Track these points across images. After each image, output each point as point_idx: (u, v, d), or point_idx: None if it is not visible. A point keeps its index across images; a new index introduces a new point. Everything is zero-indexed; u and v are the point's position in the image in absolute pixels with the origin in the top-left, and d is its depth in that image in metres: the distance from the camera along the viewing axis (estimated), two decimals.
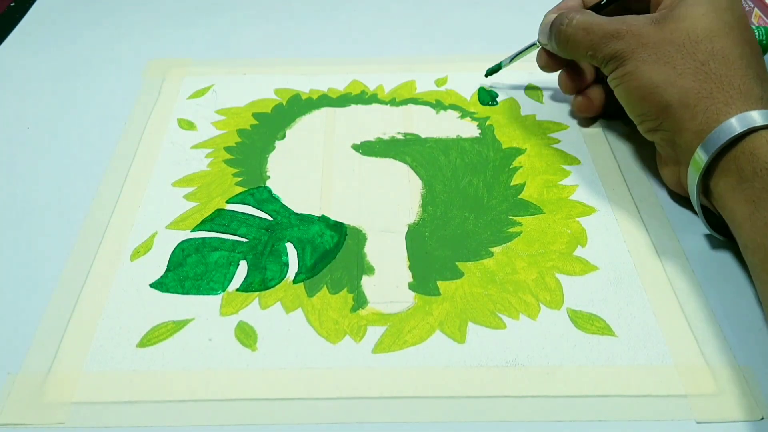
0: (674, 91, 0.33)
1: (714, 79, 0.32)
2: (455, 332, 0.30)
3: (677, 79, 0.33)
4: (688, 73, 0.33)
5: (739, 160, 0.30)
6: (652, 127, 0.35)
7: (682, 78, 0.33)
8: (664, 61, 0.33)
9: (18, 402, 0.28)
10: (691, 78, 0.33)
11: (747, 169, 0.30)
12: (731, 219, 0.31)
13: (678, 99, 0.33)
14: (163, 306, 0.31)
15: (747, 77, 0.32)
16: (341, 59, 0.49)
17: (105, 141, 0.41)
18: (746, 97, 0.31)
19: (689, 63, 0.33)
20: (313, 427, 0.27)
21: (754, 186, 0.29)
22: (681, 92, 0.33)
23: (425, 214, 0.36)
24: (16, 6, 0.57)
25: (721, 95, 0.32)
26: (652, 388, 0.28)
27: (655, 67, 0.34)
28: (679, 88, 0.33)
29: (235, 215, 0.36)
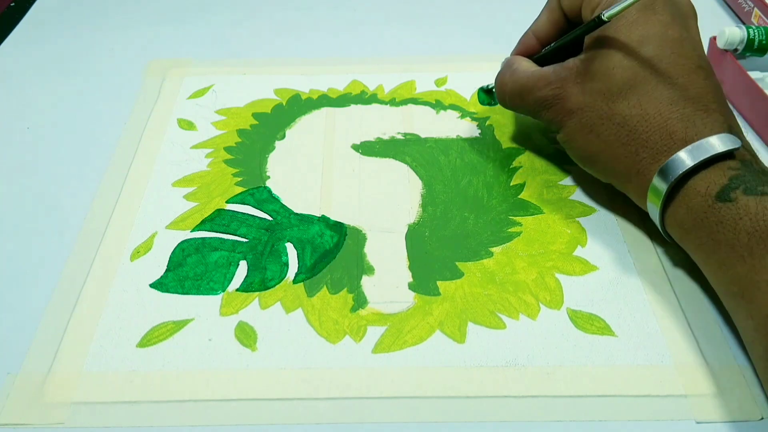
0: (607, 159, 0.33)
1: (636, 139, 0.31)
2: (455, 332, 0.30)
3: (605, 147, 0.33)
4: (611, 139, 0.32)
5: (677, 216, 0.30)
6: (607, 182, 0.35)
7: (609, 146, 0.33)
8: (588, 130, 0.33)
9: (18, 402, 0.28)
10: (615, 143, 0.32)
11: (687, 222, 0.30)
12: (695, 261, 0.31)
13: (612, 166, 0.33)
14: (163, 306, 0.31)
15: (667, 122, 0.31)
16: (341, 59, 0.49)
17: (105, 141, 0.41)
18: (669, 145, 0.30)
19: (610, 128, 0.32)
20: (313, 427, 0.27)
21: (699, 236, 0.29)
22: (613, 160, 0.33)
23: (425, 214, 0.36)
24: (16, 6, 0.57)
25: (646, 155, 0.31)
26: (651, 388, 0.28)
27: (584, 137, 0.34)
28: (610, 157, 0.33)
29: (235, 215, 0.36)
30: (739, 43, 0.44)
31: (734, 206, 0.28)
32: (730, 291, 0.28)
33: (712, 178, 0.29)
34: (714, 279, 0.30)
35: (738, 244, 0.28)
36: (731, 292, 0.28)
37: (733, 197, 0.28)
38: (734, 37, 0.43)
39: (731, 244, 0.28)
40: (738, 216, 0.28)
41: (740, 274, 0.27)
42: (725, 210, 0.28)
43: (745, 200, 0.28)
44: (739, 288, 0.28)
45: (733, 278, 0.28)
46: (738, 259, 0.28)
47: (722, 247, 0.28)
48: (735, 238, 0.28)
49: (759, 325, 0.26)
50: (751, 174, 0.29)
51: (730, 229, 0.28)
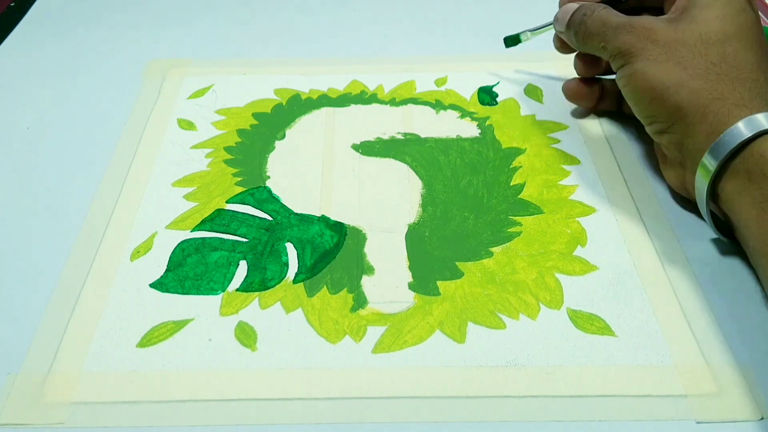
0: (685, 93, 0.33)
1: (725, 80, 0.32)
2: (455, 332, 0.30)
3: (688, 80, 0.33)
4: (699, 74, 0.32)
5: (747, 163, 0.30)
6: (660, 129, 0.35)
7: (694, 79, 0.32)
8: (675, 61, 0.33)
9: (18, 402, 0.28)
10: (702, 79, 0.32)
11: (756, 171, 0.30)
12: (739, 222, 0.31)
13: (688, 101, 0.32)
14: (163, 306, 0.31)
15: (758, 81, 0.32)
16: (341, 59, 0.49)
17: (105, 141, 0.41)
18: (758, 99, 0.31)
19: (701, 64, 0.33)
20: (313, 427, 0.27)
21: (762, 189, 0.29)
22: (692, 94, 0.32)
23: (425, 214, 0.36)
24: (16, 6, 0.57)
25: (732, 97, 0.31)
26: (652, 388, 0.28)
27: (666, 67, 0.33)
28: (690, 90, 0.32)
29: (235, 215, 0.36)
30: None
31: None
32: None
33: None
34: (762, 240, 0.29)
35: None
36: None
37: None
38: None
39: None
40: None
41: None
42: None
43: None
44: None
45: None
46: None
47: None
48: None
49: None
50: None
51: None
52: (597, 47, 0.37)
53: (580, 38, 0.38)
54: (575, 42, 0.39)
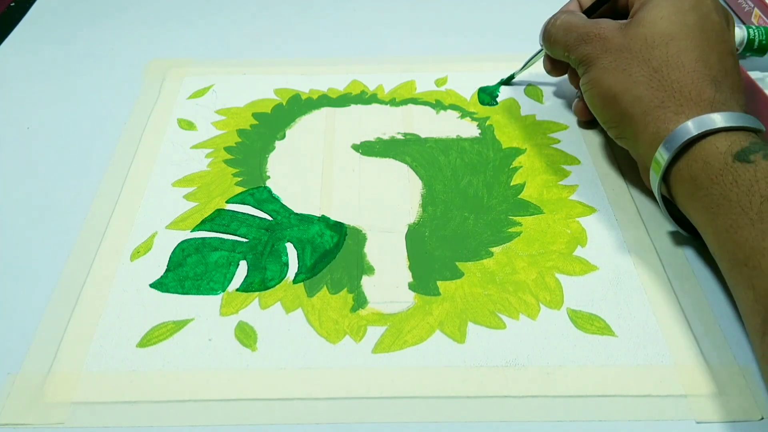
0: (630, 99, 0.33)
1: (666, 86, 0.32)
2: (455, 332, 0.30)
3: (632, 87, 0.33)
4: (642, 81, 0.33)
5: (691, 169, 0.30)
6: (616, 134, 0.36)
7: (637, 87, 0.33)
8: (621, 69, 0.34)
9: (18, 402, 0.28)
10: (645, 86, 0.33)
11: (701, 177, 0.30)
12: (695, 224, 0.31)
13: (633, 108, 0.33)
14: (163, 306, 0.31)
15: (700, 80, 0.32)
16: (341, 59, 0.49)
17: (105, 141, 0.41)
18: (696, 102, 0.31)
19: (644, 71, 0.33)
20: (313, 427, 0.27)
21: (711, 194, 0.29)
22: (635, 101, 0.33)
23: (425, 214, 0.36)
24: (16, 6, 0.57)
25: (671, 103, 0.32)
26: (651, 388, 0.28)
27: (614, 75, 0.34)
28: (633, 97, 0.33)
29: (235, 215, 0.36)
30: (739, 43, 0.44)
31: (752, 168, 0.28)
32: (733, 257, 0.28)
33: (734, 138, 0.30)
34: (718, 243, 0.29)
35: (750, 207, 0.27)
36: (734, 258, 0.28)
37: (753, 159, 0.29)
38: (734, 38, 0.43)
39: (743, 207, 0.28)
40: (755, 178, 0.28)
41: (747, 239, 0.27)
42: (743, 170, 0.28)
43: (765, 164, 0.28)
44: (743, 254, 0.27)
45: (738, 243, 0.28)
46: (747, 223, 0.27)
47: (733, 208, 0.28)
48: (748, 200, 0.28)
49: (759, 296, 0.26)
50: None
51: (744, 191, 0.28)
52: (562, 55, 0.39)
53: (546, 46, 0.40)
54: (546, 50, 0.40)
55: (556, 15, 0.40)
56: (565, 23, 0.38)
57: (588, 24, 0.37)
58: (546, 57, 0.42)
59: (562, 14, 0.39)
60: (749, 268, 0.27)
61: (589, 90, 0.36)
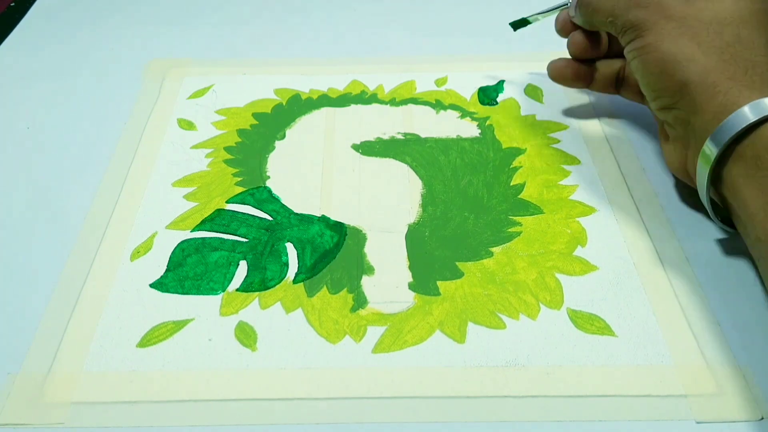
0: (697, 68, 0.32)
1: (738, 61, 0.31)
2: (455, 332, 0.30)
3: (701, 56, 0.32)
4: (712, 51, 0.32)
5: (756, 147, 0.29)
6: (666, 104, 0.34)
7: (706, 56, 0.32)
8: (689, 36, 0.33)
9: (18, 402, 0.28)
10: (715, 57, 0.32)
11: (764, 157, 0.29)
12: (743, 208, 0.30)
13: (699, 77, 0.32)
14: (163, 306, 0.31)
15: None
16: (341, 59, 0.49)
17: (105, 141, 0.41)
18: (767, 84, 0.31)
19: (715, 41, 0.32)
20: (313, 427, 0.27)
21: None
22: (703, 70, 0.32)
23: (425, 214, 0.36)
24: (16, 6, 0.57)
25: (743, 79, 0.31)
26: (652, 388, 0.28)
27: (679, 41, 0.33)
28: (702, 66, 0.32)
29: (235, 215, 0.36)
30: None
31: None
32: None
33: None
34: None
35: None
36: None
37: None
38: None
39: None
40: None
41: None
42: None
43: None
44: None
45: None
46: None
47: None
48: None
49: None
50: None
51: None
52: (604, 22, 0.36)
53: (586, 14, 0.38)
54: (581, 16, 0.38)
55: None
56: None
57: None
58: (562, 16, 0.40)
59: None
60: None
61: (644, 55, 0.34)
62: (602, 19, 0.37)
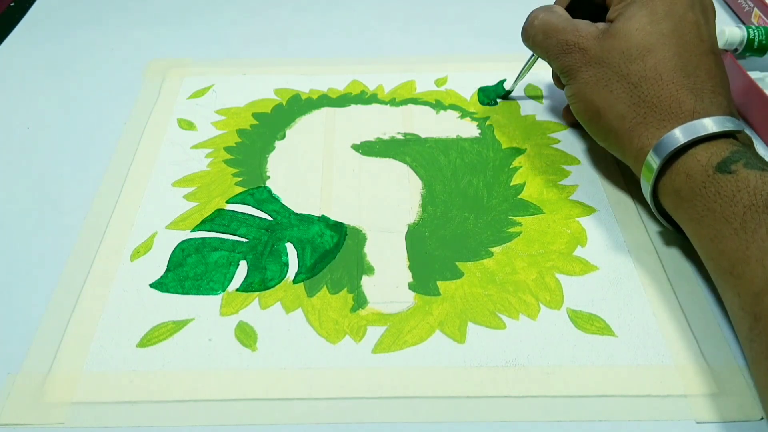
0: (612, 116, 0.34)
1: (646, 101, 0.32)
2: (455, 332, 0.30)
3: (614, 104, 0.33)
4: (622, 98, 0.33)
5: (675, 183, 0.31)
6: (605, 146, 0.36)
7: (618, 103, 0.33)
8: (602, 84, 0.34)
9: (18, 402, 0.28)
10: (626, 103, 0.33)
11: (685, 190, 0.30)
12: (686, 233, 0.32)
13: (617, 125, 0.34)
14: (163, 306, 0.31)
15: (679, 91, 0.32)
16: (341, 59, 0.49)
17: (105, 141, 0.41)
18: (677, 116, 0.32)
19: (623, 86, 0.33)
20: (313, 427, 0.27)
21: (695, 205, 0.30)
22: (618, 118, 0.33)
23: (425, 214, 0.36)
24: (16, 6, 0.57)
25: (653, 119, 0.32)
26: (651, 388, 0.28)
27: (596, 90, 0.34)
28: (616, 114, 0.33)
29: (235, 215, 0.36)
30: (739, 43, 0.44)
31: (734, 178, 0.29)
32: (720, 266, 0.28)
33: (714, 149, 0.30)
34: (705, 253, 0.30)
35: (733, 217, 0.28)
36: (721, 267, 0.28)
37: (734, 169, 0.29)
38: (734, 37, 0.43)
39: (726, 217, 0.28)
40: (737, 188, 0.28)
41: (731, 249, 0.28)
42: (724, 181, 0.29)
43: (746, 173, 0.28)
44: (729, 263, 0.28)
45: (723, 252, 0.28)
46: (731, 233, 0.28)
47: (717, 219, 0.28)
48: (731, 210, 0.28)
49: (745, 303, 0.26)
50: (751, 153, 0.30)
51: (728, 202, 0.28)
52: (544, 59, 0.38)
53: (529, 47, 0.39)
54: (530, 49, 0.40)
55: (536, 11, 0.38)
56: (543, 24, 0.37)
57: (568, 28, 0.36)
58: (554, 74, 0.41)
59: (541, 12, 0.38)
60: (734, 277, 0.27)
61: (575, 103, 0.36)
62: (542, 56, 0.38)
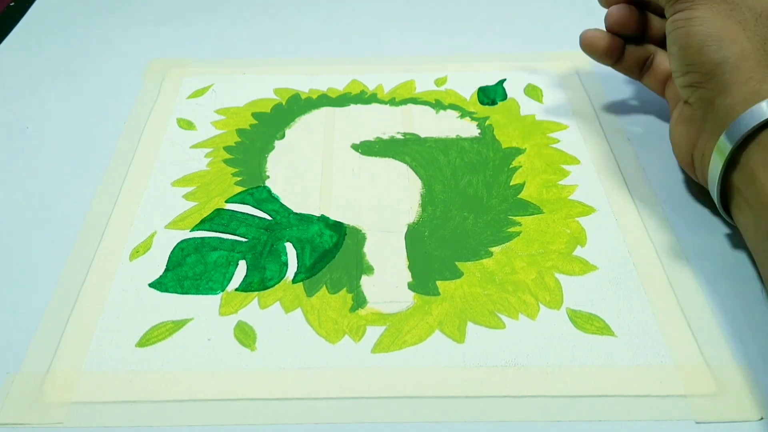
0: (737, 50, 0.32)
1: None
2: (454, 332, 0.30)
3: (744, 41, 0.32)
4: (756, 39, 0.32)
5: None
6: (695, 81, 0.34)
7: (750, 42, 0.32)
8: (737, 20, 0.33)
9: (17, 402, 0.28)
10: (758, 44, 0.32)
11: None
12: (758, 196, 0.30)
13: (737, 60, 0.32)
14: (162, 306, 0.31)
15: None
16: (341, 59, 0.49)
17: (105, 141, 0.41)
18: None
19: (759, 31, 0.32)
20: (312, 427, 0.27)
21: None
22: (743, 54, 0.32)
23: (425, 214, 0.36)
24: (16, 6, 0.57)
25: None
26: (651, 389, 0.28)
27: (727, 22, 0.33)
28: (742, 50, 0.32)
29: (235, 215, 0.36)
30: None
31: None
32: None
33: None
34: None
35: None
36: None
37: None
38: None
39: None
40: None
41: None
42: None
43: None
44: None
45: None
46: None
47: None
48: None
49: None
50: None
51: None
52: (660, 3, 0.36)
53: None
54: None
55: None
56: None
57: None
58: None
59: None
60: None
61: (690, 27, 0.34)
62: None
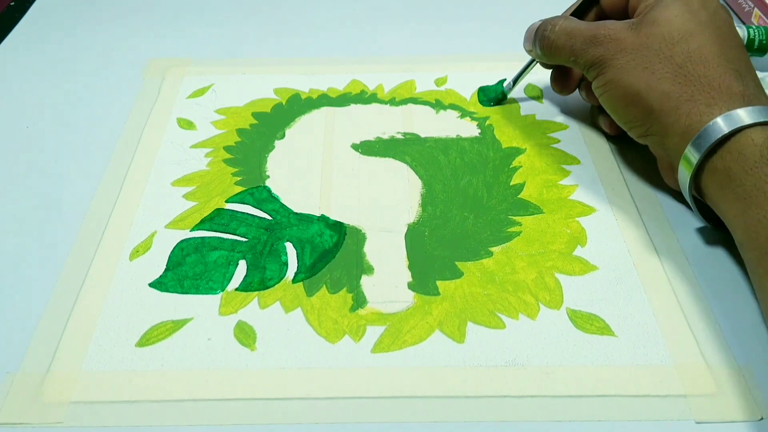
0: (655, 95, 0.33)
1: (693, 80, 0.32)
2: (454, 332, 0.30)
3: (657, 83, 0.33)
4: (667, 77, 0.33)
5: (725, 161, 0.31)
6: (641, 133, 0.35)
7: (662, 82, 0.33)
8: (642, 67, 0.34)
9: (17, 401, 0.28)
10: (670, 81, 0.33)
11: (735, 169, 0.30)
12: (724, 217, 0.32)
13: (660, 103, 0.33)
14: (162, 305, 0.31)
15: (726, 74, 0.32)
16: (341, 59, 0.49)
17: (105, 140, 0.41)
18: (727, 95, 0.32)
19: (667, 67, 0.33)
20: (312, 427, 0.27)
21: (744, 185, 0.30)
22: (662, 96, 0.33)
23: (425, 214, 0.36)
24: (15, 6, 0.57)
25: (702, 97, 0.32)
26: (651, 388, 0.28)
27: (635, 74, 0.34)
28: (660, 93, 0.33)
29: (235, 215, 0.36)
30: None
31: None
32: (763, 248, 0.28)
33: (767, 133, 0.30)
34: (747, 235, 0.30)
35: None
36: (764, 249, 0.28)
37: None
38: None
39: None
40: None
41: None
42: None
43: None
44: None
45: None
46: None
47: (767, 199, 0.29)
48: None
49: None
50: None
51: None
52: (567, 60, 0.38)
53: (546, 53, 0.39)
54: (543, 57, 0.40)
55: (550, 21, 0.38)
56: (565, 28, 0.37)
57: (592, 26, 0.36)
58: (554, 76, 0.41)
59: (557, 19, 0.38)
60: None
61: (607, 92, 0.36)
62: (565, 58, 0.38)
